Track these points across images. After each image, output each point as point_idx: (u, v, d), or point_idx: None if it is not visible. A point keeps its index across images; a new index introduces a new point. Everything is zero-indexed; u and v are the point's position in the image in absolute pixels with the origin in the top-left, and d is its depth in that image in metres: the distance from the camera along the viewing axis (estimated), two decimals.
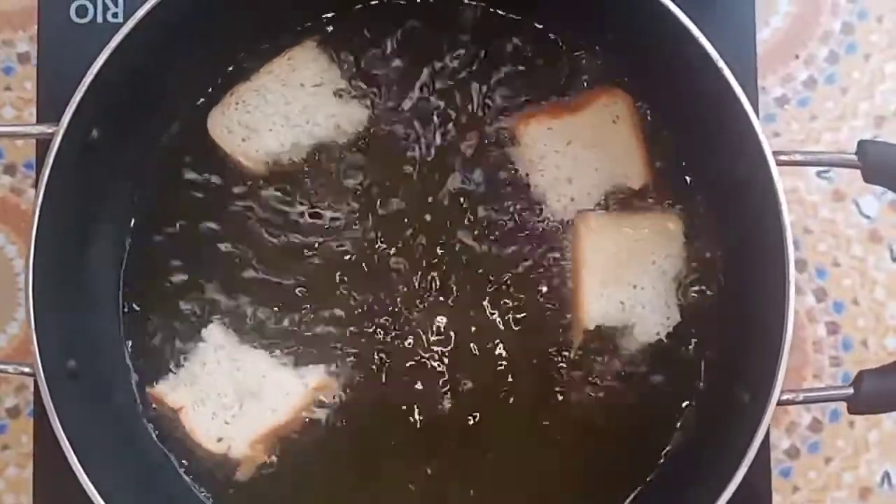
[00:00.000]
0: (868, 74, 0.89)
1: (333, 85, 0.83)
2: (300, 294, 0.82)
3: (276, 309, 0.81)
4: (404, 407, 0.80)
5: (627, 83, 0.82)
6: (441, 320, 0.81)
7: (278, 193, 0.83)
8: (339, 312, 0.81)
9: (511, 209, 0.82)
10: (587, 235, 0.80)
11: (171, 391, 0.81)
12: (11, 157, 0.88)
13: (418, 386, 0.81)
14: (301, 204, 0.83)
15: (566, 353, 0.80)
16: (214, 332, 0.82)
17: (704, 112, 0.72)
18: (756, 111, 0.70)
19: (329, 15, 0.83)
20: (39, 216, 0.70)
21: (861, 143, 0.66)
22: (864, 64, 0.89)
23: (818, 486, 0.86)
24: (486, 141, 0.82)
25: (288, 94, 0.83)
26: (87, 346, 0.78)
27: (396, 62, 0.83)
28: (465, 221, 0.82)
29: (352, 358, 0.81)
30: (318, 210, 0.82)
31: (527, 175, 0.82)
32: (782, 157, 0.66)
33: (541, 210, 0.81)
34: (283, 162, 0.83)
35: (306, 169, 0.83)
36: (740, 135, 0.68)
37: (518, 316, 0.81)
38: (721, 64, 0.67)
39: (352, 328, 0.81)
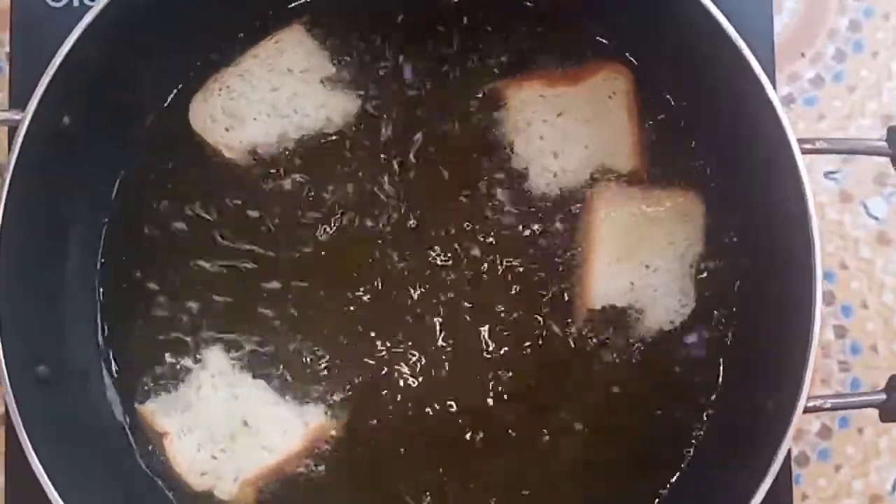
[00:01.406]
0: (875, 72, 0.87)
1: (322, 71, 0.79)
2: (299, 318, 0.77)
3: (277, 333, 0.76)
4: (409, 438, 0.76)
5: (636, 62, 0.78)
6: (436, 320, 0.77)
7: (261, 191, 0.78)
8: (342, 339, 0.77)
9: (491, 181, 0.78)
10: (602, 207, 0.76)
11: (159, 412, 0.75)
12: None
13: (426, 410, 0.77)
14: (291, 201, 0.78)
15: (567, 334, 0.76)
16: (214, 356, 0.76)
17: (722, 97, 0.70)
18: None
19: None
20: (5, 206, 0.66)
21: (892, 129, 0.63)
22: (872, 62, 0.87)
23: (828, 494, 0.83)
24: (475, 100, 0.78)
25: (274, 80, 0.78)
26: (61, 351, 0.74)
27: (387, 41, 0.79)
28: (461, 198, 0.77)
29: (351, 392, 0.76)
30: (310, 202, 0.78)
31: (511, 142, 0.78)
32: (806, 146, 0.63)
33: (522, 181, 0.78)
34: (269, 153, 0.78)
35: (295, 161, 0.78)
36: (760, 121, 0.65)
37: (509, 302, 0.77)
38: (741, 43, 0.64)
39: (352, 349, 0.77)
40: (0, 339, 0.65)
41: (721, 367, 0.77)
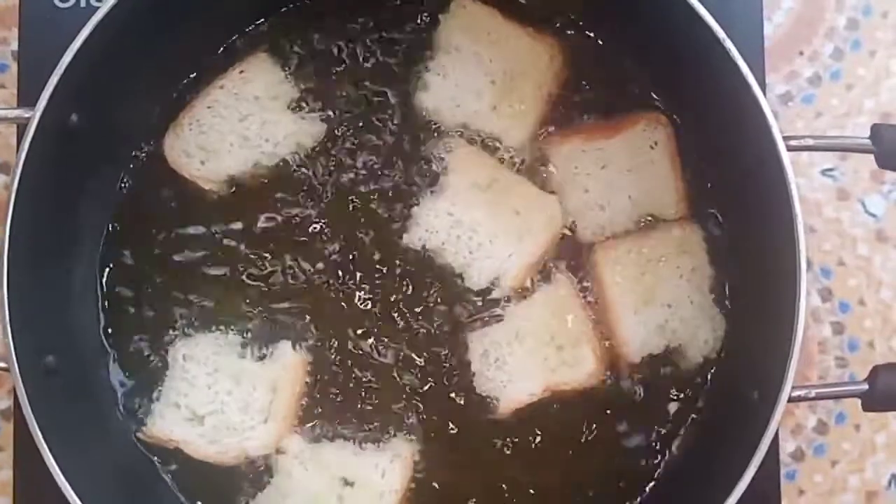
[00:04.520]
0: (873, 71, 0.87)
1: (288, 97, 0.79)
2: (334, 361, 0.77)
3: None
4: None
5: (658, 98, 0.78)
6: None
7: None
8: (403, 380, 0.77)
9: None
10: (606, 266, 0.76)
11: None
12: (4, 155, 0.85)
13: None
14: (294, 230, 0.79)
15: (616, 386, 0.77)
16: (289, 440, 0.75)
17: (709, 98, 0.70)
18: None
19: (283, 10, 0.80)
20: (15, 202, 0.68)
21: (875, 127, 0.64)
22: (870, 60, 0.87)
23: (824, 489, 0.83)
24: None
25: (242, 108, 0.78)
26: (68, 342, 0.75)
27: (350, 64, 0.79)
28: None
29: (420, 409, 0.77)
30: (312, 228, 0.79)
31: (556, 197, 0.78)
32: (792, 143, 0.64)
33: (570, 234, 0.78)
34: (246, 182, 0.79)
35: (276, 189, 0.79)
36: (749, 119, 0.65)
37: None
38: (729, 44, 0.65)
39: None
40: (10, 330, 0.67)
41: (708, 366, 0.77)
